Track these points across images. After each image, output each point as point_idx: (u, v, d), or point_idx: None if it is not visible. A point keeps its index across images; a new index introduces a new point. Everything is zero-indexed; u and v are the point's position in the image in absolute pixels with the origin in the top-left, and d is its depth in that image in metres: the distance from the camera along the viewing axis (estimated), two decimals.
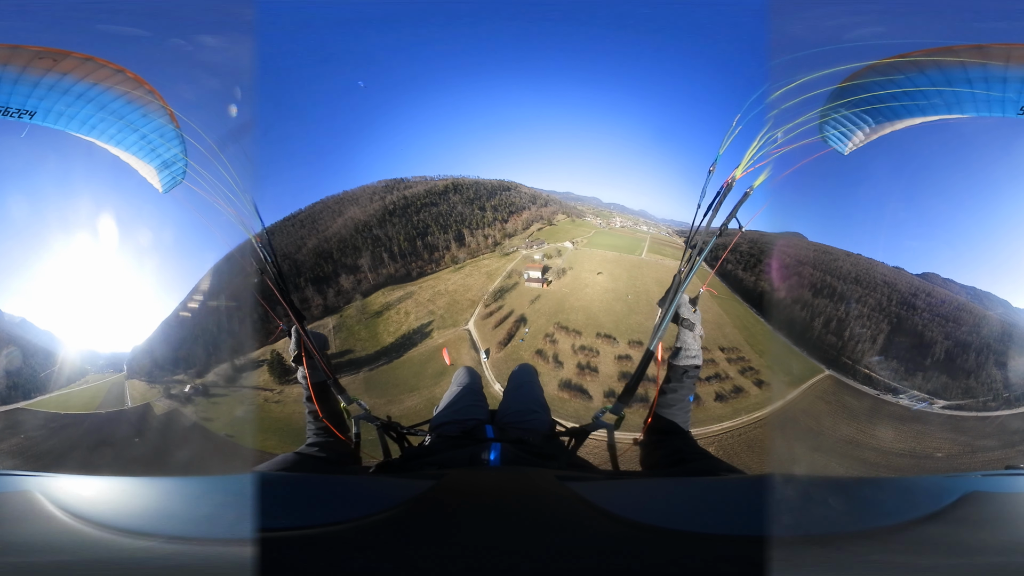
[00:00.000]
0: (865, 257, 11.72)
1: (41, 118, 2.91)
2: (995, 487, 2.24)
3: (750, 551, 1.24)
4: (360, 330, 19.08)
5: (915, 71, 2.79)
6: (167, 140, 3.11)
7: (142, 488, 2.44)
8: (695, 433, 2.70)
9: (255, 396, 8.79)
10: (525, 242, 23.24)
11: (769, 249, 21.46)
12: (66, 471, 3.20)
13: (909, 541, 1.54)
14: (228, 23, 4.43)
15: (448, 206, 22.94)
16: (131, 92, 2.96)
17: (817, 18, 3.61)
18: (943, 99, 2.81)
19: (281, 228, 18.97)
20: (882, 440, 6.37)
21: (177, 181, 3.25)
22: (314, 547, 1.22)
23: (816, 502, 1.88)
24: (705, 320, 2.79)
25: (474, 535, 1.31)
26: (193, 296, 6.70)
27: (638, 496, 1.65)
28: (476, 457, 2.14)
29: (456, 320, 19.91)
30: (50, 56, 2.80)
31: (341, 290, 19.57)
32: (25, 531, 1.71)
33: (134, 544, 1.54)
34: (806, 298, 10.73)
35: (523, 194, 24.59)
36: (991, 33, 2.72)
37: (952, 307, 11.22)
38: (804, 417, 7.84)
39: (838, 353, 10.38)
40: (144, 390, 7.61)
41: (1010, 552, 1.54)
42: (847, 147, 3.20)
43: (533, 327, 18.88)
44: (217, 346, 8.19)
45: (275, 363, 10.07)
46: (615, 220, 25.16)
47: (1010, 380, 8.45)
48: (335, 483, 2.04)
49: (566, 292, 20.46)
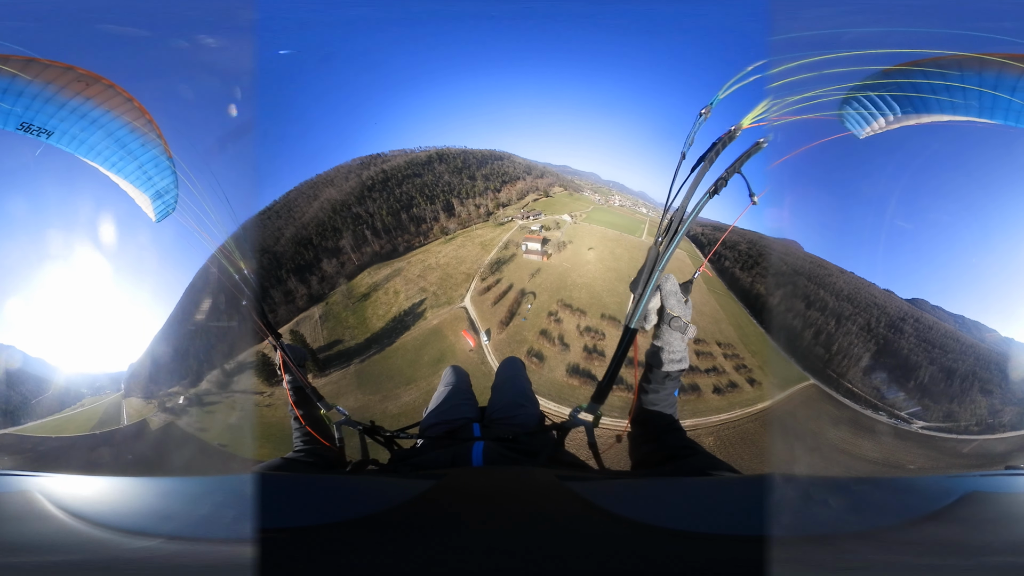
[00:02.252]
0: (858, 276, 11.83)
1: (57, 139, 2.95)
2: (995, 487, 2.25)
3: (750, 551, 1.24)
4: (348, 316, 17.75)
5: (973, 70, 2.70)
6: (161, 170, 3.18)
7: (142, 488, 2.45)
8: (694, 423, 2.57)
9: (248, 400, 8.65)
10: (520, 212, 21.70)
11: (767, 252, 21.54)
12: (66, 471, 3.21)
13: (909, 541, 1.54)
14: (228, 23, 4.44)
15: (433, 176, 21.18)
16: (134, 121, 3.03)
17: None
18: (981, 102, 2.74)
19: (257, 222, 17.35)
20: (861, 447, 6.47)
21: (169, 211, 3.31)
22: (314, 547, 1.22)
23: (816, 502, 1.88)
24: (702, 312, 2.52)
25: (474, 535, 1.31)
26: (199, 310, 6.72)
27: (638, 496, 1.65)
28: (458, 457, 2.13)
29: (451, 297, 18.47)
30: (85, 80, 2.86)
31: (325, 276, 18.20)
32: (25, 531, 1.71)
33: (134, 544, 1.54)
34: (798, 308, 10.85)
35: (517, 164, 22.91)
36: (994, 31, 2.71)
37: (939, 333, 11.34)
38: (798, 415, 7.96)
39: (824, 365, 10.45)
40: (140, 407, 7.56)
41: (1010, 552, 1.54)
42: (864, 131, 3.06)
43: (535, 303, 17.69)
44: (208, 354, 8.16)
45: (261, 364, 9.74)
46: (614, 198, 23.90)
47: (995, 407, 8.56)
48: (335, 483, 2.04)
49: (567, 267, 19.35)
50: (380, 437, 2.70)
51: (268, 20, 8.18)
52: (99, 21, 3.98)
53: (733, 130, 2.27)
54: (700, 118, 2.36)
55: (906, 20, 3.48)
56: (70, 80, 2.84)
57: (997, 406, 8.47)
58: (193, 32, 4.37)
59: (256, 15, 4.39)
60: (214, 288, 5.70)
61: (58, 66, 2.82)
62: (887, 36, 2.94)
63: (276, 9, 8.46)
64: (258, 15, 4.42)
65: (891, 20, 3.49)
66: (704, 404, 14.80)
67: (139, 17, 4.11)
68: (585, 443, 2.42)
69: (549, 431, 2.50)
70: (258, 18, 4.41)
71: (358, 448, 2.69)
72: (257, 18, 4.39)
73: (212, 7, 4.53)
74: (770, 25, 3.41)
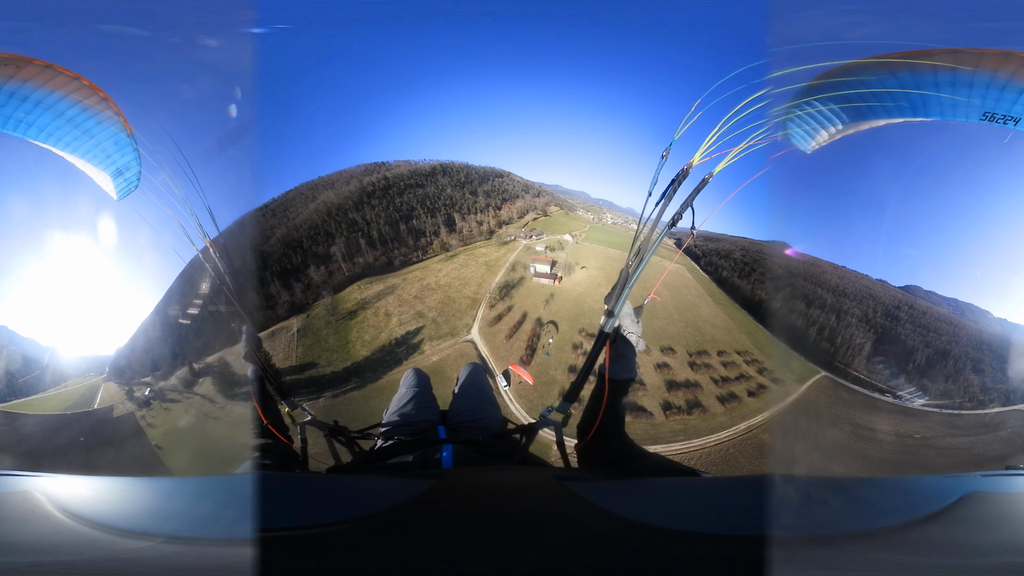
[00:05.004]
0: (850, 269, 12.14)
1: (0, 124, 2.92)
2: (995, 487, 2.25)
3: (750, 551, 1.24)
4: (328, 335, 14.93)
5: (886, 72, 2.77)
6: (120, 147, 3.14)
7: (142, 488, 2.44)
8: (747, 425, 2.63)
9: (203, 407, 8.45)
10: (523, 231, 20.85)
11: (761, 257, 21.94)
12: (66, 471, 3.21)
13: (909, 541, 1.54)
14: (228, 23, 4.43)
15: (436, 188, 19.81)
16: (86, 100, 2.99)
17: (817, 18, 3.61)
18: (910, 102, 2.78)
19: (252, 219, 17.16)
20: (876, 422, 7.05)
21: (131, 188, 3.28)
22: (314, 547, 1.22)
23: (816, 502, 1.88)
24: (715, 325, 2.68)
25: (474, 535, 1.31)
26: (193, 301, 6.70)
27: (638, 496, 1.65)
28: (428, 459, 2.14)
29: (454, 326, 15.62)
30: (13, 63, 2.82)
31: (311, 284, 16.07)
32: (25, 531, 1.71)
33: (134, 544, 1.54)
34: (800, 308, 11.36)
35: (515, 182, 22.24)
36: (993, 32, 2.71)
37: (933, 318, 12.07)
38: (808, 410, 8.40)
39: (831, 358, 10.97)
40: (116, 392, 7.53)
41: (1010, 552, 1.54)
42: (810, 145, 3.15)
43: (556, 336, 15.42)
44: (183, 348, 8.05)
45: (224, 372, 8.81)
46: (606, 216, 23.67)
47: (987, 384, 9.12)
48: (335, 483, 2.04)
49: (581, 291, 18.01)
50: (343, 438, 2.68)
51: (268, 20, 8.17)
52: (99, 21, 3.98)
53: (685, 168, 2.60)
54: (662, 159, 2.72)
55: (904, 20, 3.47)
56: None
57: (988, 384, 9.09)
58: (193, 32, 4.37)
59: (256, 14, 4.39)
60: (198, 276, 5.69)
61: None
62: (886, 36, 2.95)
63: (276, 9, 8.45)
64: (258, 14, 4.42)
65: (890, 20, 3.48)
66: (744, 408, 15.22)
67: (139, 17, 4.10)
68: (549, 448, 2.48)
69: (515, 434, 2.54)
70: (258, 17, 4.41)
71: (326, 451, 2.66)
72: (257, 18, 4.39)
73: (212, 7, 4.53)
74: (765, 29, 3.43)
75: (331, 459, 2.67)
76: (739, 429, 14.84)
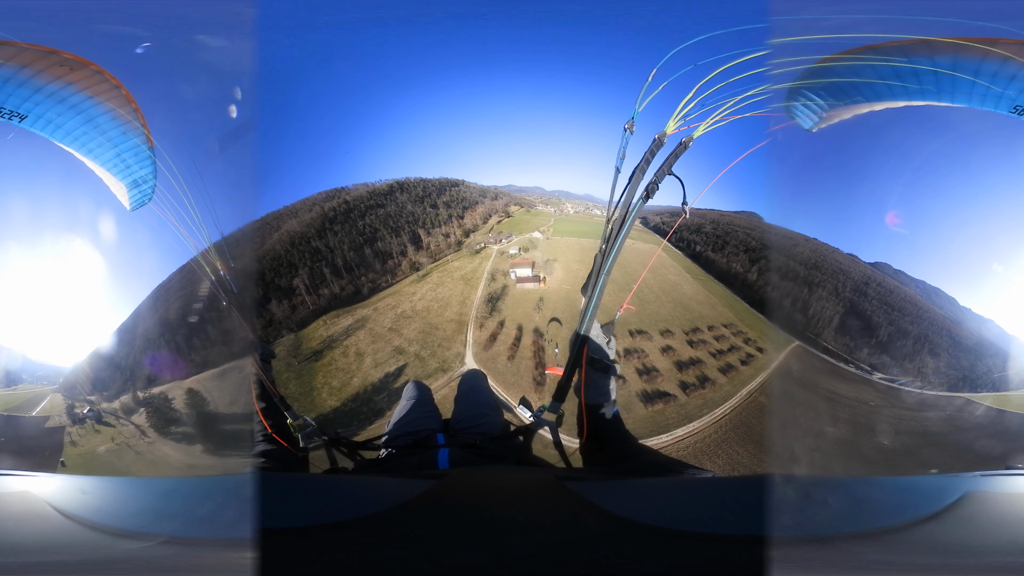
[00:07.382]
0: (822, 242, 12.52)
1: (31, 123, 2.90)
2: (995, 487, 2.25)
3: (750, 551, 1.24)
4: (289, 381, 12.65)
5: (923, 53, 2.64)
6: (140, 160, 3.13)
7: (142, 488, 2.45)
8: (747, 390, 2.61)
9: (132, 437, 8.13)
10: (491, 236, 20.63)
11: (733, 230, 22.23)
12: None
13: (909, 541, 1.54)
14: (228, 23, 4.43)
15: (396, 206, 19.42)
16: (118, 109, 2.97)
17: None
18: (938, 84, 2.68)
19: (246, 229, 16.55)
20: (839, 388, 7.27)
21: (145, 200, 3.27)
22: (314, 547, 1.22)
23: (816, 502, 1.88)
24: (699, 301, 2.61)
25: (474, 535, 1.31)
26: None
27: (638, 496, 1.65)
28: (425, 463, 2.15)
29: (444, 359, 13.30)
30: (69, 64, 2.80)
31: (272, 320, 14.39)
32: (25, 531, 1.70)
33: (133, 544, 1.54)
34: (774, 281, 11.98)
35: (471, 189, 22.12)
36: (995, 33, 2.68)
37: (899, 297, 12.79)
38: (794, 369, 8.75)
39: (803, 328, 11.54)
40: (60, 404, 7.46)
41: (1010, 552, 1.54)
42: (815, 124, 3.05)
43: (562, 344, 14.83)
44: (135, 374, 7.86)
45: (163, 407, 8.14)
46: (566, 207, 23.95)
47: (940, 368, 9.61)
48: (334, 484, 2.04)
49: (567, 288, 17.73)
50: (344, 448, 2.70)
51: (268, 20, 8.16)
52: (99, 21, 3.98)
53: (659, 137, 2.39)
54: (626, 132, 2.48)
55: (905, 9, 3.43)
56: (51, 64, 2.76)
57: (942, 368, 9.54)
58: (193, 32, 4.37)
59: (256, 14, 4.39)
60: (178, 295, 5.63)
61: (38, 49, 2.75)
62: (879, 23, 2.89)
63: (276, 9, 8.45)
64: (258, 14, 4.41)
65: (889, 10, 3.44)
66: (742, 375, 15.79)
67: (139, 17, 4.10)
68: (548, 448, 2.48)
69: (514, 436, 2.54)
70: (258, 17, 4.41)
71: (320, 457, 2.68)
72: (257, 17, 4.39)
73: (212, 7, 4.53)
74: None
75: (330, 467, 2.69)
76: (742, 395, 15.37)
